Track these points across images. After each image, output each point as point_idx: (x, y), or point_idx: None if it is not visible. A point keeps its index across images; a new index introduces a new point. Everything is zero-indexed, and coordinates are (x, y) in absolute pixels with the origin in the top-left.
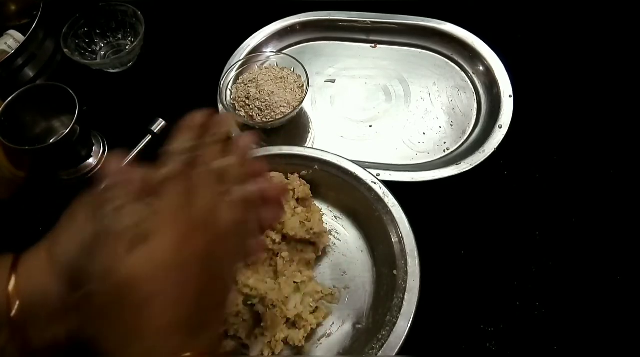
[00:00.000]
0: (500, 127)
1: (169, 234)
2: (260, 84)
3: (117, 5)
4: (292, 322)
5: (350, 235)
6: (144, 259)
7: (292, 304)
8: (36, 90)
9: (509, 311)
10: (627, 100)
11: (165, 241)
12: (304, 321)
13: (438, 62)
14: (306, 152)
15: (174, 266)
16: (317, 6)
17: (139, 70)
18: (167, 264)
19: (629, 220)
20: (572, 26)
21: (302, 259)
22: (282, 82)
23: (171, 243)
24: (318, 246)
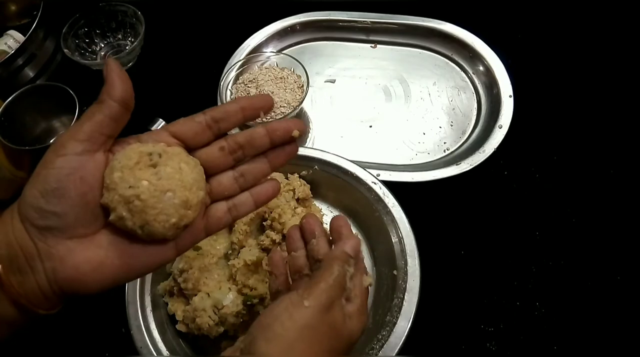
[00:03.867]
0: (500, 127)
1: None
2: (260, 84)
3: (117, 5)
4: None
5: None
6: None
7: None
8: (36, 90)
9: (509, 311)
10: (627, 100)
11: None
12: None
13: (438, 62)
14: (306, 152)
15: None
16: (317, 6)
17: (139, 70)
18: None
19: (629, 220)
20: (573, 26)
21: None
22: (282, 82)
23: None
24: None
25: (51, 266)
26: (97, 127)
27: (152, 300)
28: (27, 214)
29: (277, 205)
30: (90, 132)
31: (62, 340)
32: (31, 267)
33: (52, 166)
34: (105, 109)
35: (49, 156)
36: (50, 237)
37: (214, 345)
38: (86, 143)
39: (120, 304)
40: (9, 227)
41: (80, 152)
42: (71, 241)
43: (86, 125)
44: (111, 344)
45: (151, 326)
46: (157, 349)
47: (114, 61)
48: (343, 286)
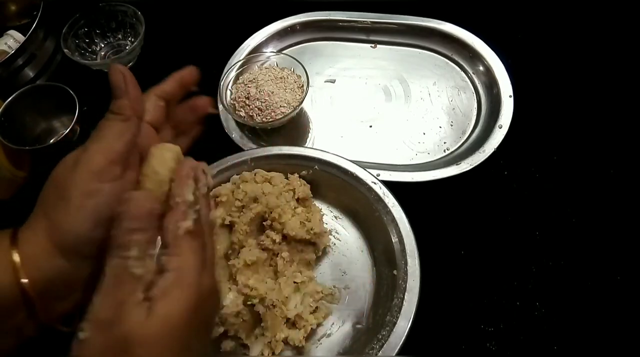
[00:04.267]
0: (500, 127)
1: (185, 298)
2: (260, 84)
3: (117, 5)
4: (292, 322)
5: (350, 235)
6: (158, 318)
7: (292, 304)
8: (36, 90)
9: (509, 311)
10: (627, 100)
11: (181, 305)
12: (304, 321)
13: (438, 62)
14: (306, 152)
15: (185, 334)
16: (317, 6)
17: (139, 70)
18: (179, 330)
19: (629, 220)
20: (573, 26)
21: (302, 259)
22: (282, 82)
23: (187, 309)
24: (318, 246)
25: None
26: (130, 147)
27: None
28: (75, 246)
29: (277, 205)
30: (124, 153)
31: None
32: (69, 293)
33: (101, 194)
34: (133, 128)
35: (89, 182)
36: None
37: (214, 345)
38: (121, 164)
39: None
40: (43, 254)
41: (120, 175)
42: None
43: (119, 145)
44: None
45: None
46: None
47: (128, 71)
48: (126, 279)
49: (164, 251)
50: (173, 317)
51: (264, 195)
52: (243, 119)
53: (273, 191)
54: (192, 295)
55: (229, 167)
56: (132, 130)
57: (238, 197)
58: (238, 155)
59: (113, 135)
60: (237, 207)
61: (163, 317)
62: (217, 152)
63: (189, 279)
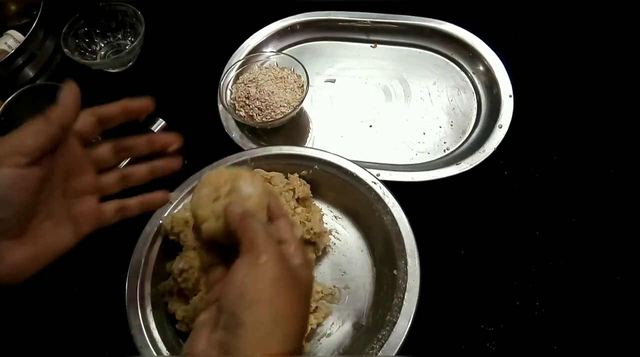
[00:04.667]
0: (500, 127)
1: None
2: (260, 84)
3: (117, 5)
4: None
5: (350, 235)
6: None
7: None
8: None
9: (509, 311)
10: (627, 100)
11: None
12: None
13: (438, 62)
14: (306, 152)
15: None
16: (317, 6)
17: (139, 70)
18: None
19: (629, 220)
20: (573, 26)
21: None
22: (282, 82)
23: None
24: (318, 245)
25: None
26: (40, 146)
27: (152, 300)
28: None
29: None
30: (33, 148)
31: (62, 340)
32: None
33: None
34: (50, 131)
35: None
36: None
37: None
38: (28, 157)
39: (120, 304)
40: None
41: (24, 165)
42: (9, 241)
43: (29, 141)
44: (111, 344)
45: (151, 326)
46: (157, 349)
47: (75, 87)
48: (272, 233)
49: (286, 245)
50: (310, 283)
51: None
52: (243, 119)
53: (273, 190)
54: (312, 278)
55: (229, 167)
56: (50, 132)
57: None
58: (238, 155)
59: (29, 131)
60: None
61: (309, 281)
62: (217, 152)
63: (309, 266)
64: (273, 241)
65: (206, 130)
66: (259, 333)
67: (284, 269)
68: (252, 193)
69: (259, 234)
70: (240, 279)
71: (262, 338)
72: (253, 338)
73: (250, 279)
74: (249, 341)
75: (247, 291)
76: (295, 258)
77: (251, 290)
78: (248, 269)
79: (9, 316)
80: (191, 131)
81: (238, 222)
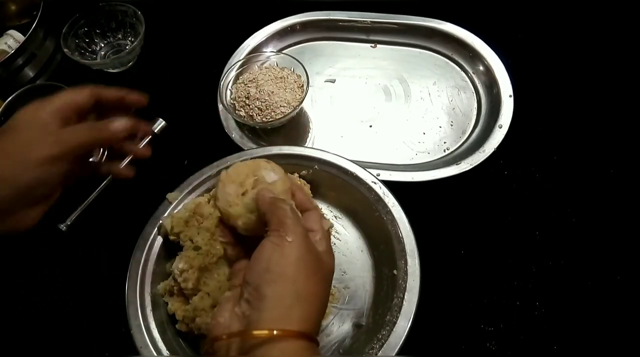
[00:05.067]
0: (500, 127)
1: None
2: (260, 84)
3: (117, 5)
4: None
5: (350, 235)
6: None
7: None
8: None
9: (509, 311)
10: (627, 100)
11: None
12: None
13: (438, 62)
14: (306, 152)
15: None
16: (317, 6)
17: (139, 70)
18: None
19: (629, 220)
20: (573, 26)
21: None
22: (282, 82)
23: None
24: None
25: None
26: (76, 108)
27: (152, 300)
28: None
29: None
30: (81, 150)
31: (62, 340)
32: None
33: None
34: (85, 97)
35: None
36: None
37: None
38: (74, 155)
39: (120, 304)
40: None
41: (72, 160)
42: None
43: (76, 98)
44: (111, 344)
45: (151, 326)
46: (157, 349)
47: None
48: (300, 216)
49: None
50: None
51: None
52: (243, 119)
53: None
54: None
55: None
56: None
57: None
58: (238, 155)
59: (70, 94)
60: None
61: (330, 266)
62: (217, 152)
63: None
64: (300, 223)
65: (206, 130)
66: (280, 309)
67: (308, 251)
68: (276, 179)
69: (288, 215)
70: (266, 255)
71: (283, 314)
72: (274, 313)
73: (276, 255)
74: (270, 315)
75: (272, 267)
76: (320, 245)
77: (276, 266)
78: (275, 246)
79: (9, 316)
80: (191, 131)
81: (268, 205)
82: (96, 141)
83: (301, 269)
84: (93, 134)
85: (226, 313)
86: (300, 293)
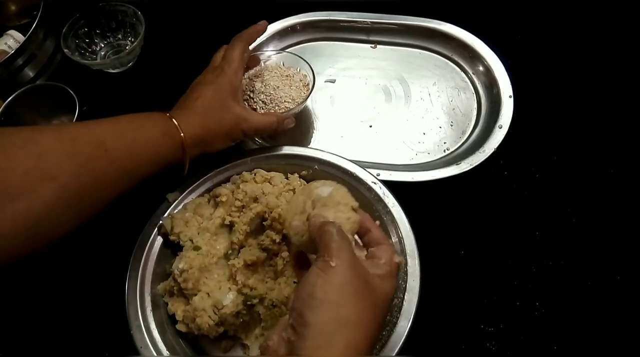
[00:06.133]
0: (500, 127)
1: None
2: (266, 79)
3: (117, 5)
4: None
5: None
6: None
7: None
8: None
9: (509, 311)
10: (627, 100)
11: (386, 292)
12: None
13: (438, 62)
14: (306, 152)
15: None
16: (317, 6)
17: (139, 70)
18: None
19: (629, 220)
20: (573, 26)
21: None
22: (287, 80)
23: (386, 297)
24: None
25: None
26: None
27: (152, 300)
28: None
29: (277, 205)
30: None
31: (62, 340)
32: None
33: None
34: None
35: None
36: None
37: (214, 345)
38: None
39: (120, 304)
40: (193, 131)
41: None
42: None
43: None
44: (111, 344)
45: (151, 326)
46: (157, 349)
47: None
48: (349, 240)
49: (378, 257)
50: (386, 295)
51: (263, 195)
52: None
53: (273, 190)
54: (391, 292)
55: (229, 167)
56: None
57: (238, 197)
58: (238, 155)
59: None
60: (237, 207)
61: (385, 292)
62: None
63: (392, 284)
64: (347, 247)
65: None
66: (323, 336)
67: (355, 276)
68: (330, 190)
69: (334, 238)
70: (311, 280)
71: (325, 341)
72: (317, 341)
73: (320, 281)
74: (313, 344)
75: (315, 292)
76: (377, 269)
77: (319, 292)
78: (319, 271)
79: (9, 316)
80: None
81: (317, 230)
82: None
83: (347, 294)
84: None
85: (275, 337)
86: (344, 319)
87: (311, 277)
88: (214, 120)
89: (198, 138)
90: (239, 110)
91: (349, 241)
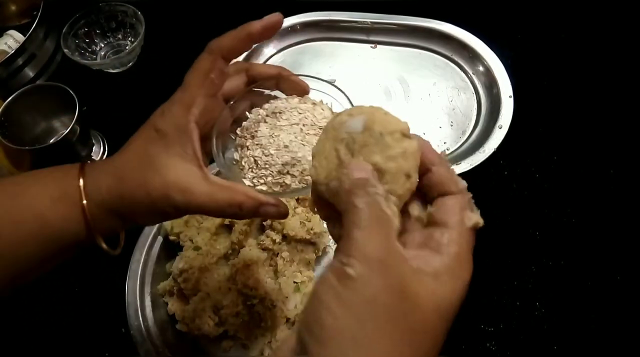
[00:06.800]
0: (500, 127)
1: (453, 290)
2: (280, 122)
3: (117, 5)
4: (292, 322)
5: None
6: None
7: (292, 304)
8: (36, 90)
9: (509, 311)
10: (627, 100)
11: (452, 296)
12: None
13: (438, 62)
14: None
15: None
16: (317, 6)
17: (139, 70)
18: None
19: (629, 220)
20: (572, 26)
21: (302, 259)
22: (313, 129)
23: (451, 303)
24: (318, 246)
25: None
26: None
27: (152, 300)
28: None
29: None
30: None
31: (62, 340)
32: (120, 221)
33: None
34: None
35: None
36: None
37: (214, 345)
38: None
39: (120, 304)
40: (105, 190)
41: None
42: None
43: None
44: (111, 344)
45: (151, 326)
46: (157, 349)
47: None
48: (386, 220)
49: (440, 230)
50: (446, 301)
51: None
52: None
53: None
54: (458, 291)
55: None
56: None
57: None
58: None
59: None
60: None
61: (437, 301)
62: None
63: (462, 273)
64: (379, 236)
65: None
66: None
67: (384, 287)
68: (362, 120)
69: (360, 224)
70: (320, 295)
71: None
72: None
73: (332, 300)
74: None
75: (323, 319)
76: (434, 259)
77: (329, 318)
78: (333, 281)
79: (9, 316)
80: None
81: (344, 197)
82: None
83: (365, 320)
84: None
85: (284, 347)
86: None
87: (321, 291)
88: (134, 184)
89: (107, 207)
90: (176, 174)
91: (385, 224)
